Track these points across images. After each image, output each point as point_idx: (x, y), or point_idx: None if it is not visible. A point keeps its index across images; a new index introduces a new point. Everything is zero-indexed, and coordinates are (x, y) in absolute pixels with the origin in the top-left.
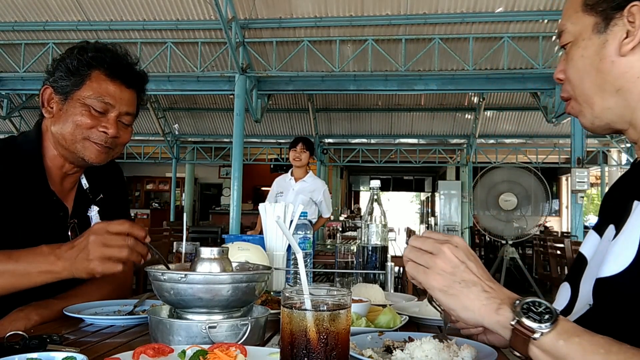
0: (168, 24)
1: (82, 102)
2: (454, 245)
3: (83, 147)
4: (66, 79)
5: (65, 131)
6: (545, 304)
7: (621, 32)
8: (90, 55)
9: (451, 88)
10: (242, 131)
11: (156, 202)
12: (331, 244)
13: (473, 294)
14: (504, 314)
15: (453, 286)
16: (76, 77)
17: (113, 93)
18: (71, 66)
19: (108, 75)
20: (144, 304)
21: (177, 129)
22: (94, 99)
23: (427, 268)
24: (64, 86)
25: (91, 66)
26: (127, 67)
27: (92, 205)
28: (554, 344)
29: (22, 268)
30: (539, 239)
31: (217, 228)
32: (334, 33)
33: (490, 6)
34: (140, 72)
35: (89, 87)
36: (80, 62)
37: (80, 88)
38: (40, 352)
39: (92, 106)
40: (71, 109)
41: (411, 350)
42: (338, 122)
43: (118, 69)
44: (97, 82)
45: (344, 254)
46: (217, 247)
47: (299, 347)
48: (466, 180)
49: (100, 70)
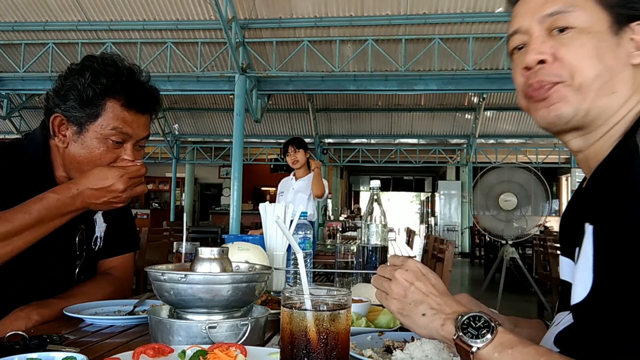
0: (168, 24)
1: (98, 136)
2: (404, 270)
3: None
4: (80, 110)
5: (84, 167)
6: (484, 318)
7: (631, 41)
8: (104, 83)
9: (451, 88)
10: (242, 131)
11: (156, 202)
12: (331, 244)
13: (421, 312)
14: (447, 329)
15: (405, 308)
16: (90, 108)
17: (130, 122)
18: (85, 96)
19: (124, 104)
20: (144, 304)
21: (177, 129)
22: (111, 130)
23: (387, 294)
24: (78, 117)
25: (108, 95)
26: (143, 94)
27: None
28: (489, 356)
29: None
30: (539, 239)
31: (217, 228)
32: (334, 33)
33: (490, 6)
34: (154, 95)
35: (105, 118)
36: (95, 92)
37: (96, 120)
38: (40, 352)
39: (110, 138)
40: (88, 142)
41: (411, 350)
42: (338, 122)
43: (134, 97)
44: (113, 112)
45: (344, 254)
46: (217, 247)
47: (299, 347)
48: (466, 180)
49: (115, 99)
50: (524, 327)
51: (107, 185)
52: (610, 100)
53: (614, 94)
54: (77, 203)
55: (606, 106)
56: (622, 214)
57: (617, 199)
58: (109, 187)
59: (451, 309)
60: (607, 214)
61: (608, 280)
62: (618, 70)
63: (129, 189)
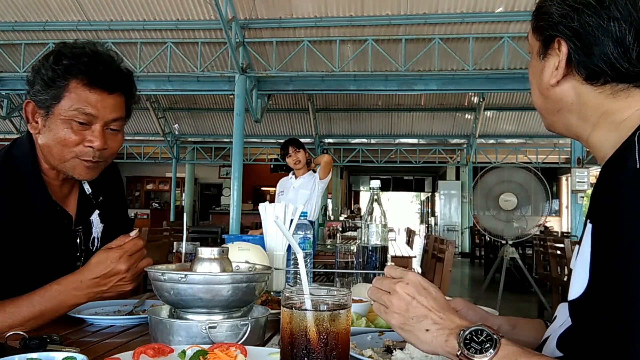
0: (168, 24)
1: (63, 118)
2: (405, 283)
3: (72, 166)
4: (44, 92)
5: (52, 151)
6: (487, 332)
7: (554, 62)
8: (65, 64)
9: (451, 88)
10: (242, 131)
11: (156, 202)
12: (331, 244)
13: (425, 327)
14: (450, 344)
15: (407, 323)
16: (53, 89)
17: (94, 102)
18: (47, 78)
19: (87, 84)
20: (144, 304)
21: (177, 129)
22: (74, 111)
23: (386, 307)
24: (44, 100)
25: (67, 76)
26: (107, 72)
27: (94, 209)
28: None
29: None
30: (539, 239)
31: (217, 228)
32: (334, 33)
33: (490, 6)
34: (122, 72)
35: (68, 99)
36: (56, 72)
37: (59, 102)
38: (40, 352)
39: (74, 119)
40: (53, 125)
41: (411, 350)
42: (338, 122)
43: (97, 76)
44: (75, 93)
45: (344, 254)
46: (217, 247)
47: (299, 347)
48: (466, 180)
49: (78, 79)
50: (524, 328)
51: (109, 270)
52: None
53: (559, 111)
54: (82, 295)
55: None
56: (614, 216)
57: (610, 200)
58: (110, 271)
59: (454, 323)
60: (602, 214)
61: (602, 281)
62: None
63: (132, 267)
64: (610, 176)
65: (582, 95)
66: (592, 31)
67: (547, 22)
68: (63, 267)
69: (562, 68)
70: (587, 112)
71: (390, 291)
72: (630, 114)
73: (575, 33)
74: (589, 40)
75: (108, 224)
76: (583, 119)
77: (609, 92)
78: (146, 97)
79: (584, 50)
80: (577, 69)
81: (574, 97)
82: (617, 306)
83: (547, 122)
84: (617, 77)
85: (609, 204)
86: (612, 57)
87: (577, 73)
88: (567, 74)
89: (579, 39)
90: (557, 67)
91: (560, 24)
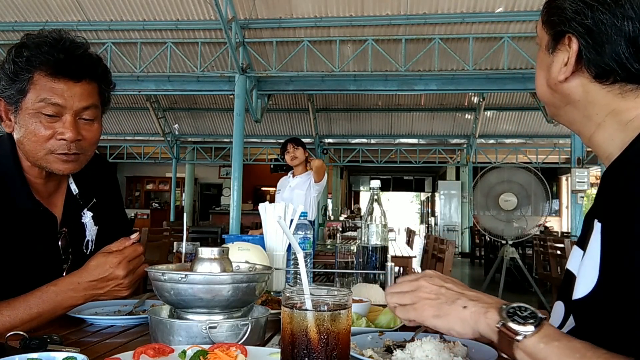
0: (168, 24)
1: (31, 112)
2: (428, 277)
3: (47, 161)
4: (10, 87)
5: (26, 148)
6: (530, 309)
7: (564, 57)
8: (26, 55)
9: (451, 88)
10: (242, 131)
11: (156, 202)
12: (331, 244)
13: (461, 305)
14: (491, 317)
15: (442, 307)
16: (18, 83)
17: (60, 92)
18: (10, 72)
19: (50, 73)
20: (144, 304)
21: (177, 129)
22: (40, 102)
23: (414, 304)
24: (11, 96)
25: (30, 68)
26: (70, 59)
27: (84, 211)
28: (535, 346)
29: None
30: (539, 239)
31: (217, 228)
32: (334, 33)
33: (490, 6)
34: (90, 58)
35: (33, 92)
36: (18, 65)
37: (25, 96)
38: (41, 352)
39: (42, 112)
40: (22, 121)
41: (411, 350)
42: (338, 122)
43: (59, 64)
44: (40, 84)
45: (344, 254)
46: (217, 247)
47: (300, 347)
48: (466, 181)
49: (41, 70)
50: None
51: (107, 274)
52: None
53: (567, 105)
54: (79, 296)
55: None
56: (629, 214)
57: (626, 198)
58: (108, 276)
59: (492, 299)
60: (614, 213)
61: (614, 277)
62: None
63: (130, 273)
64: (621, 175)
65: (589, 93)
66: (605, 29)
67: (560, 17)
68: (47, 269)
69: (572, 65)
70: (593, 110)
71: (414, 289)
72: (638, 113)
73: (587, 30)
74: (601, 38)
75: (103, 226)
76: (588, 117)
77: (618, 92)
78: (146, 97)
79: (596, 48)
80: (587, 67)
81: (582, 94)
82: (630, 303)
83: (551, 112)
84: (627, 77)
85: (622, 202)
86: (623, 56)
87: (587, 71)
88: (576, 71)
89: (591, 36)
90: (566, 63)
91: (573, 20)
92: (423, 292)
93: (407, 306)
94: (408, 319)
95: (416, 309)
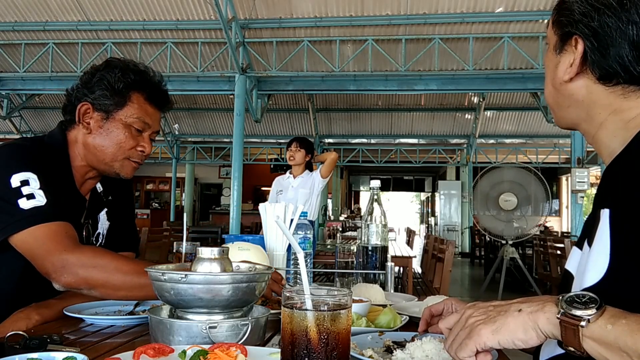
0: (168, 24)
1: (124, 123)
2: (470, 307)
3: (122, 165)
4: (109, 98)
5: (107, 150)
6: (588, 294)
7: (570, 58)
8: (132, 77)
9: (451, 88)
10: (242, 131)
11: (156, 202)
12: (331, 244)
13: (515, 311)
14: (549, 309)
15: (497, 320)
16: (119, 97)
17: (151, 114)
18: (116, 87)
19: (147, 98)
20: (144, 304)
21: (177, 129)
22: (135, 119)
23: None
24: (106, 105)
25: (134, 89)
26: (161, 91)
27: (103, 207)
28: (602, 329)
29: None
30: (539, 239)
31: (217, 228)
32: (334, 33)
33: (490, 6)
34: (168, 94)
35: (131, 108)
36: (125, 84)
37: (122, 108)
38: (41, 352)
39: (133, 125)
40: (113, 128)
41: (411, 350)
42: (338, 122)
43: (155, 92)
44: (138, 103)
45: (344, 254)
46: (217, 247)
47: (300, 347)
48: (466, 180)
49: (139, 92)
50: None
51: None
52: (573, 111)
53: (569, 107)
54: None
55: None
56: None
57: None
58: None
59: (542, 298)
60: (625, 196)
61: (627, 259)
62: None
63: None
64: (627, 164)
65: (593, 94)
66: (610, 32)
67: (568, 18)
68: None
69: (577, 66)
70: (596, 110)
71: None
72: (639, 113)
73: (593, 32)
74: (606, 41)
75: (114, 223)
76: (591, 116)
77: (620, 93)
78: None
79: (600, 50)
80: (591, 68)
81: (585, 95)
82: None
83: (556, 116)
84: (630, 80)
85: (631, 186)
86: (626, 60)
87: (591, 72)
88: (580, 72)
89: (597, 38)
90: (571, 64)
91: (580, 22)
92: (472, 318)
93: (464, 341)
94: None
95: (471, 336)
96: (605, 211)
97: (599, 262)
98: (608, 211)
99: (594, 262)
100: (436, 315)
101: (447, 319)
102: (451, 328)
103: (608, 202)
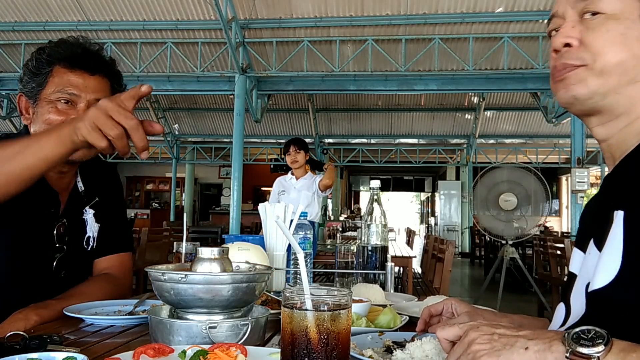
0: (168, 24)
1: (48, 100)
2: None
3: None
4: (31, 81)
5: None
6: (594, 329)
7: None
8: (47, 52)
9: (451, 88)
10: (242, 131)
11: (156, 202)
12: (331, 244)
13: (522, 348)
14: (557, 349)
15: (501, 354)
16: (39, 77)
17: (76, 83)
18: (32, 67)
19: (68, 67)
20: (144, 304)
21: (177, 129)
22: (57, 92)
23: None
24: (31, 89)
25: (50, 63)
26: (86, 55)
27: (86, 207)
28: None
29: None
30: (539, 239)
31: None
32: (334, 33)
33: (490, 6)
34: (103, 56)
35: (52, 83)
36: (40, 61)
37: (44, 87)
38: (41, 352)
39: (58, 100)
40: (40, 109)
41: (411, 350)
42: (338, 122)
43: (76, 58)
44: (58, 76)
45: (344, 254)
46: (217, 247)
47: (300, 347)
48: (466, 180)
49: (60, 64)
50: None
51: None
52: (634, 89)
53: (636, 82)
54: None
55: (628, 94)
56: None
57: None
58: None
59: (548, 334)
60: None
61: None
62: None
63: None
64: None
65: None
66: None
67: None
68: (38, 251)
69: None
70: None
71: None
72: None
73: None
74: None
75: (104, 224)
76: None
77: None
78: (146, 97)
79: None
80: None
81: None
82: None
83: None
84: None
85: None
86: None
87: None
88: None
89: None
90: None
91: None
92: (476, 345)
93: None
94: None
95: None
96: (619, 213)
97: (611, 264)
98: (622, 213)
99: (605, 264)
100: (435, 315)
101: (446, 329)
102: (449, 339)
103: (622, 204)
